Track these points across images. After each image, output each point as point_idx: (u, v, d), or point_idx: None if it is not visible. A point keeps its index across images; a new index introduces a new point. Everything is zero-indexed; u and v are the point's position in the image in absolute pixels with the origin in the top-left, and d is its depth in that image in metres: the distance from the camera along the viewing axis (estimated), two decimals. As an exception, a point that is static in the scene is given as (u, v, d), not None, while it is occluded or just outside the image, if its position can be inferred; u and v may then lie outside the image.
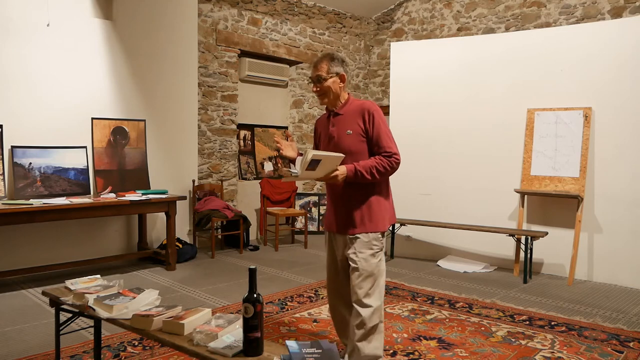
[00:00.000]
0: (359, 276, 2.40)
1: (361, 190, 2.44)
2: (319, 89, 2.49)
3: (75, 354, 2.83)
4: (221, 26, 6.19)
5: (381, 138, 2.40)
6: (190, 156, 5.76)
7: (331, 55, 2.50)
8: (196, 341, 1.81)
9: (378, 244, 2.44)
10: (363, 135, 2.42)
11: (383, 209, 2.48)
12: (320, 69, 2.46)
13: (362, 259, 2.40)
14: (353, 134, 2.43)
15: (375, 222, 2.44)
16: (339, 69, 2.48)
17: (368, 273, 2.40)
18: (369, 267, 2.40)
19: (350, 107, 2.50)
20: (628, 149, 4.58)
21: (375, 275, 2.41)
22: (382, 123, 2.42)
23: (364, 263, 2.40)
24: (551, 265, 4.98)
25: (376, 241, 2.44)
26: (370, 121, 2.41)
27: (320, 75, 2.46)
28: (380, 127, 2.41)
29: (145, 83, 5.30)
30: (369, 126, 2.41)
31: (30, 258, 4.52)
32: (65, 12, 4.71)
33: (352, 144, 2.42)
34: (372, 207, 2.45)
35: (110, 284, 2.46)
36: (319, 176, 2.32)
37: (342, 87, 2.50)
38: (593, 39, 4.80)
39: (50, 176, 4.52)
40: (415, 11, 7.63)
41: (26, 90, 4.47)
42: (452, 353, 2.94)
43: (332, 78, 2.46)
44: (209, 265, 5.19)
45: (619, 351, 3.00)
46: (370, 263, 2.41)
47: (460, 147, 5.43)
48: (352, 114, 2.47)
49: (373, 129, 2.41)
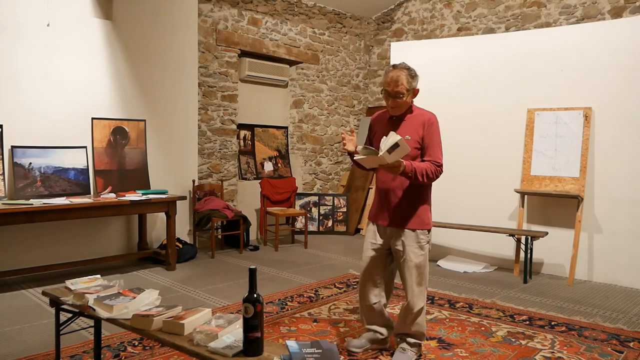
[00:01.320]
0: (408, 266, 2.71)
1: (411, 190, 2.73)
2: (396, 104, 2.67)
3: (75, 354, 2.83)
4: (221, 26, 6.20)
5: (433, 148, 2.68)
6: (190, 156, 5.77)
7: (410, 70, 2.67)
8: (196, 341, 1.81)
9: (425, 238, 2.74)
10: (419, 142, 2.69)
11: (428, 210, 2.80)
12: (400, 85, 2.62)
13: (411, 251, 2.71)
14: (411, 140, 2.66)
15: (422, 220, 2.74)
16: (416, 84, 2.68)
17: (415, 264, 2.70)
18: (416, 259, 2.71)
19: (413, 115, 2.74)
20: (628, 149, 4.58)
21: (421, 266, 2.72)
22: (437, 135, 2.70)
23: (411, 255, 2.70)
24: (551, 265, 4.98)
25: (423, 236, 2.74)
26: (429, 130, 2.68)
27: (399, 92, 2.63)
28: (435, 138, 2.69)
29: (145, 83, 5.30)
30: (426, 134, 2.68)
31: (30, 258, 4.52)
32: (65, 12, 4.70)
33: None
34: (420, 206, 2.75)
35: (111, 284, 2.46)
36: (388, 162, 2.48)
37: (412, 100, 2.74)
38: (593, 39, 4.80)
39: (50, 176, 4.52)
40: (415, 11, 7.63)
41: (26, 90, 4.47)
42: (452, 353, 2.94)
43: (409, 95, 2.67)
44: (209, 265, 5.19)
45: (619, 351, 3.00)
46: (417, 255, 2.71)
47: (460, 147, 5.43)
48: (414, 121, 2.71)
49: (429, 138, 2.68)
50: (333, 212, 7.17)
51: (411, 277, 2.72)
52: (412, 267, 2.72)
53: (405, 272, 2.75)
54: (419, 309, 2.74)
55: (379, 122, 2.87)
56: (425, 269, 2.76)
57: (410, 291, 2.73)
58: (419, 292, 2.74)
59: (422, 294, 2.76)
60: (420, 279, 2.74)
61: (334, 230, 7.15)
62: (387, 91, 2.67)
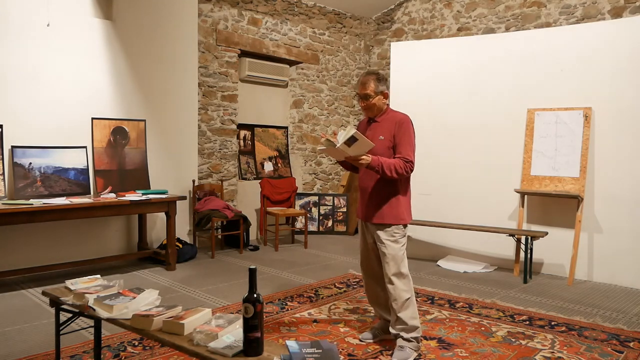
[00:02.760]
0: (386, 259, 2.86)
1: (384, 187, 2.88)
2: (366, 105, 2.91)
3: (75, 354, 2.83)
4: (221, 26, 6.20)
5: (403, 145, 2.82)
6: (190, 156, 5.77)
7: (377, 75, 2.92)
8: (196, 341, 1.81)
9: (399, 232, 2.88)
10: (392, 141, 2.86)
11: (403, 205, 2.92)
12: (367, 87, 2.87)
13: (387, 245, 2.85)
14: (384, 140, 2.86)
15: (396, 215, 2.87)
16: (384, 88, 2.90)
17: (392, 256, 2.84)
18: (391, 251, 2.84)
19: (387, 117, 2.94)
20: (628, 149, 4.58)
21: (397, 257, 2.84)
22: (407, 133, 2.85)
23: (386, 248, 2.85)
24: (551, 265, 4.98)
25: (398, 230, 2.87)
26: (399, 130, 2.85)
27: (367, 94, 2.87)
28: (405, 137, 2.84)
29: (145, 83, 5.30)
30: (397, 133, 2.84)
31: (30, 258, 4.52)
32: (65, 12, 4.71)
33: (381, 148, 2.83)
34: (394, 202, 2.88)
35: (110, 284, 2.46)
36: (350, 154, 2.68)
37: (384, 103, 2.94)
38: (593, 39, 4.79)
39: (50, 176, 4.52)
40: (415, 11, 7.63)
41: (26, 90, 4.47)
42: (452, 353, 2.94)
43: (377, 96, 2.89)
44: (209, 265, 5.19)
45: (619, 351, 3.00)
46: (392, 247, 2.85)
47: (460, 147, 5.43)
48: (387, 123, 2.91)
49: (399, 136, 2.84)
50: (333, 212, 7.17)
51: (389, 269, 2.85)
52: (389, 260, 2.84)
53: (384, 265, 2.88)
54: (404, 300, 2.83)
55: (361, 126, 3.10)
56: (402, 260, 2.86)
57: (390, 283, 2.85)
58: (401, 284, 2.84)
59: (405, 285, 2.85)
60: (399, 271, 2.84)
61: (334, 230, 7.15)
62: (358, 94, 2.96)
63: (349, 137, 2.57)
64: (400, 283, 2.84)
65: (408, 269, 2.91)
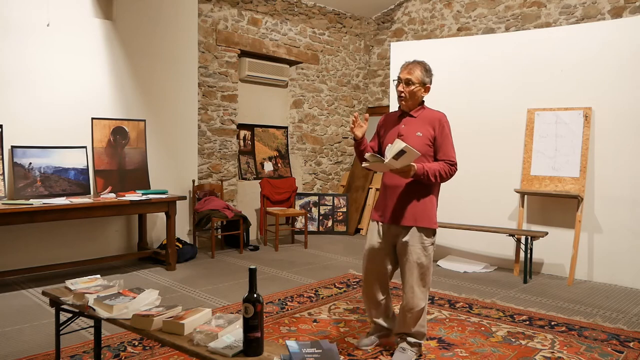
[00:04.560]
0: (409, 266, 2.70)
1: (418, 188, 2.72)
2: (405, 91, 2.71)
3: (75, 354, 2.83)
4: (221, 26, 6.19)
5: (447, 147, 2.71)
6: (190, 156, 5.77)
7: (425, 65, 2.75)
8: (196, 341, 1.81)
9: (429, 240, 2.73)
10: (431, 140, 2.70)
11: (434, 209, 2.80)
12: (412, 73, 2.69)
13: (414, 251, 2.69)
14: (422, 137, 2.70)
15: (427, 219, 2.73)
16: (427, 80, 2.73)
17: (418, 264, 2.70)
18: (418, 259, 2.70)
19: (424, 113, 2.77)
20: (628, 149, 4.58)
21: (424, 266, 2.71)
22: (449, 134, 2.72)
23: (414, 255, 2.69)
24: (551, 265, 4.98)
25: (428, 237, 2.73)
26: (440, 130, 2.70)
27: (410, 79, 2.69)
28: (448, 137, 2.72)
29: (145, 83, 5.30)
30: (438, 134, 2.70)
31: (30, 258, 4.52)
32: (65, 12, 4.70)
33: (419, 145, 2.64)
34: (427, 205, 2.74)
35: (110, 284, 2.46)
36: (397, 167, 2.52)
37: (422, 96, 2.76)
38: (593, 39, 4.79)
39: (50, 176, 4.52)
40: (415, 11, 7.63)
41: (26, 90, 4.47)
42: (452, 353, 2.94)
43: (419, 87, 2.72)
44: (209, 265, 5.19)
45: (619, 351, 3.00)
46: (420, 255, 2.70)
47: (460, 147, 5.37)
48: (425, 119, 2.74)
49: (441, 137, 2.70)
50: (333, 212, 7.17)
51: (412, 276, 2.71)
52: (413, 267, 2.70)
53: (406, 271, 2.74)
54: (420, 309, 2.73)
55: (388, 120, 2.90)
56: (428, 269, 2.74)
57: (411, 291, 2.72)
58: (421, 292, 2.73)
59: (423, 294, 2.74)
60: (423, 280, 2.73)
61: (334, 230, 7.15)
62: (399, 77, 2.74)
63: (398, 151, 2.41)
64: (420, 292, 2.72)
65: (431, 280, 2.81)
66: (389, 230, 2.79)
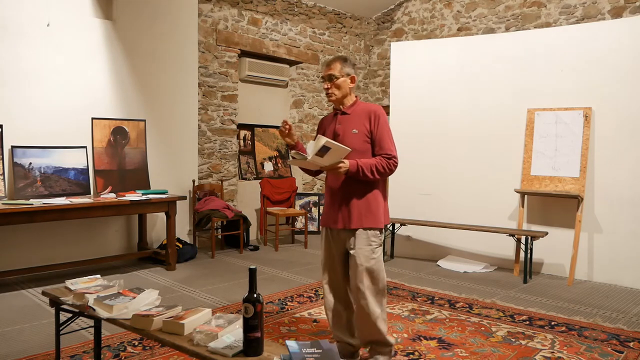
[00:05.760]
0: (359, 271, 2.52)
1: (361, 187, 2.57)
2: (331, 86, 2.63)
3: (75, 354, 2.83)
4: (221, 26, 6.19)
5: (384, 140, 2.56)
6: (190, 156, 5.77)
7: (344, 57, 2.70)
8: (196, 341, 1.81)
9: (377, 240, 2.57)
10: (368, 135, 2.57)
11: (380, 207, 2.60)
12: (333, 68, 2.62)
13: (362, 254, 2.53)
14: (359, 134, 2.57)
15: (372, 218, 2.56)
16: (350, 71, 2.64)
17: (367, 268, 2.52)
18: (367, 262, 2.53)
19: (357, 108, 2.66)
20: (628, 149, 4.58)
21: (374, 271, 2.54)
22: (386, 126, 2.59)
23: (362, 258, 2.53)
24: (551, 265, 4.98)
25: (374, 237, 2.56)
26: (376, 123, 2.57)
27: (332, 74, 2.61)
28: (384, 130, 2.57)
29: (145, 83, 5.30)
30: (374, 127, 2.57)
31: (30, 258, 4.52)
32: (65, 12, 4.71)
33: (356, 143, 2.55)
34: (370, 204, 2.57)
35: (110, 284, 2.46)
36: (324, 164, 2.44)
37: (351, 88, 2.66)
38: (593, 39, 4.79)
39: (50, 176, 4.52)
40: (415, 11, 7.63)
41: (26, 90, 4.47)
42: (452, 353, 2.94)
43: (343, 78, 2.62)
44: (209, 265, 5.19)
45: (619, 351, 3.00)
46: (368, 258, 2.53)
47: (460, 147, 5.43)
48: (359, 114, 2.62)
49: (377, 131, 2.56)
50: (333, 212, 7.15)
51: (362, 283, 2.52)
52: (362, 272, 2.52)
53: (356, 276, 2.54)
54: (375, 315, 2.54)
55: (326, 120, 2.79)
56: (379, 273, 2.56)
57: (363, 297, 2.52)
58: (373, 299, 2.54)
59: (377, 299, 2.56)
60: (374, 286, 2.54)
61: (334, 230, 7.14)
62: (323, 77, 2.68)
63: (320, 148, 2.31)
64: (372, 297, 2.53)
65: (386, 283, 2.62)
66: (339, 236, 2.65)
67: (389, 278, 4.66)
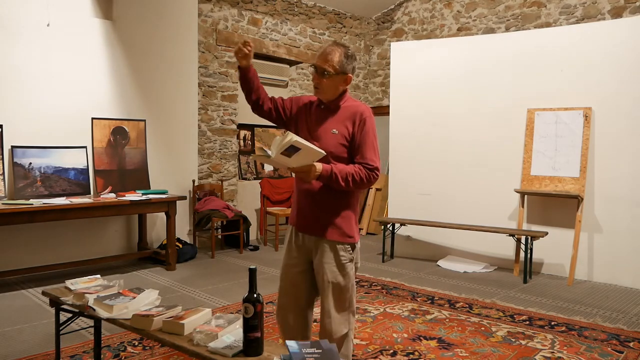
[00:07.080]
0: (325, 287, 2.20)
1: (337, 195, 2.18)
2: (319, 83, 2.18)
3: (75, 354, 2.83)
4: (221, 26, 6.19)
5: (366, 148, 2.14)
6: (190, 156, 5.77)
7: (346, 49, 2.19)
8: (196, 341, 1.81)
9: (347, 255, 2.20)
10: (348, 139, 2.16)
11: (352, 220, 2.24)
12: (330, 61, 2.14)
13: (329, 269, 2.18)
14: (338, 135, 2.16)
15: (343, 231, 2.20)
16: (348, 68, 2.18)
17: (334, 284, 2.19)
18: (334, 279, 2.18)
19: (345, 105, 2.22)
20: (628, 149, 4.58)
21: (342, 289, 2.21)
22: (371, 132, 2.17)
23: (329, 274, 2.18)
24: (551, 265, 4.98)
25: (345, 252, 2.20)
26: (360, 127, 2.15)
27: (325, 70, 2.14)
28: (368, 136, 2.15)
29: (145, 83, 5.30)
30: (357, 131, 2.15)
31: (30, 258, 4.52)
32: (65, 12, 4.70)
33: (333, 145, 2.14)
34: (343, 216, 2.20)
35: (110, 284, 2.46)
36: (291, 165, 2.03)
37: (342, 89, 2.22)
38: (593, 39, 4.79)
39: (50, 176, 4.52)
40: (415, 11, 7.62)
41: (26, 90, 4.47)
42: (452, 353, 2.94)
43: (338, 77, 2.16)
44: (209, 265, 5.19)
45: (619, 351, 3.00)
46: (336, 274, 2.18)
47: (460, 147, 5.43)
48: (343, 113, 2.20)
49: (360, 136, 2.15)
50: (333, 212, 7.15)
51: (327, 298, 2.19)
52: (328, 288, 2.18)
53: (321, 292, 2.22)
54: (340, 336, 2.21)
55: (305, 107, 2.31)
56: (348, 292, 2.21)
57: (327, 315, 2.20)
58: (339, 317, 2.20)
59: (343, 319, 2.22)
60: (341, 304, 2.20)
61: (334, 230, 7.13)
62: (314, 65, 2.18)
63: (287, 146, 1.88)
64: (337, 316, 2.19)
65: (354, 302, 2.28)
66: (304, 242, 2.26)
67: (389, 278, 4.67)
